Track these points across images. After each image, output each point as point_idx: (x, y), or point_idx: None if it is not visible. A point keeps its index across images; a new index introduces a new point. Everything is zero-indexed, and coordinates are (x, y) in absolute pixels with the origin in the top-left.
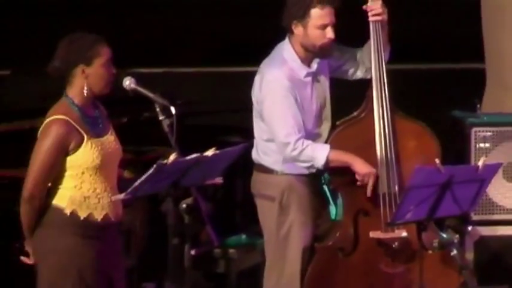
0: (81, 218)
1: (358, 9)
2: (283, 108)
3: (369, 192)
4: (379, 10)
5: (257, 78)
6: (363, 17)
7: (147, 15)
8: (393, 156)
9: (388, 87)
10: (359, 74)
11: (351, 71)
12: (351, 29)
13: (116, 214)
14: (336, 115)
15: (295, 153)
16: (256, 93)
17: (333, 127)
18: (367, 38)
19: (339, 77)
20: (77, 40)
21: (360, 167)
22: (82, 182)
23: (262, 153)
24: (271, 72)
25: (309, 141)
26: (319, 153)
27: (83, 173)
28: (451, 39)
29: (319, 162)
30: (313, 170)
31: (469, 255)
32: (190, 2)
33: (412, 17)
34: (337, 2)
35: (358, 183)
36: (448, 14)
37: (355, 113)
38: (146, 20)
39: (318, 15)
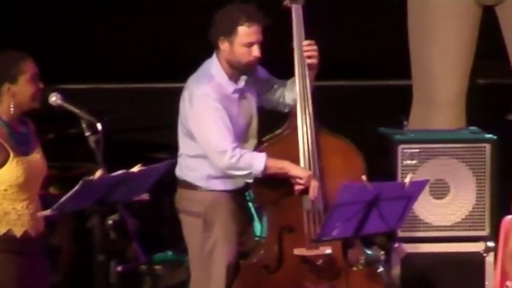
0: (0, 233)
1: None
2: (216, 119)
3: (312, 195)
4: (313, 53)
5: (185, 94)
6: None
7: (75, 31)
8: (317, 173)
9: (312, 104)
10: (279, 107)
11: (273, 101)
12: None
13: (36, 230)
14: (264, 132)
15: (233, 160)
16: (185, 109)
17: (259, 144)
18: None
19: (261, 104)
20: (0, 59)
21: (299, 171)
22: (3, 198)
23: (187, 169)
24: (201, 87)
25: (246, 150)
26: (258, 160)
27: (5, 189)
28: (378, 56)
29: (258, 168)
30: (250, 180)
31: (396, 272)
32: (119, 18)
33: (338, 34)
34: (265, 20)
35: (300, 183)
36: (374, 31)
37: (279, 130)
38: (75, 35)
39: (245, 33)
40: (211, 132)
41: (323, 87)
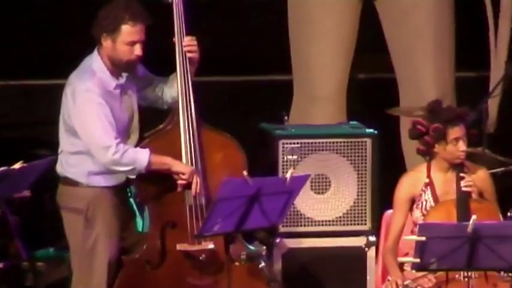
0: None
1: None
2: (99, 115)
3: (195, 190)
4: (194, 48)
5: (68, 91)
6: None
7: None
8: (199, 168)
9: (194, 99)
10: (157, 105)
11: (150, 99)
12: None
13: None
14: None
15: (117, 156)
16: (68, 106)
17: (141, 140)
18: None
19: (138, 101)
20: None
21: (182, 167)
22: None
23: (68, 165)
24: (83, 83)
25: (129, 145)
26: (141, 155)
27: None
28: (258, 51)
29: (141, 164)
30: (133, 175)
31: (277, 267)
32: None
33: (219, 29)
34: (149, 19)
35: (183, 178)
36: (255, 27)
37: (161, 126)
38: None
39: (128, 31)
40: (94, 128)
41: (204, 83)
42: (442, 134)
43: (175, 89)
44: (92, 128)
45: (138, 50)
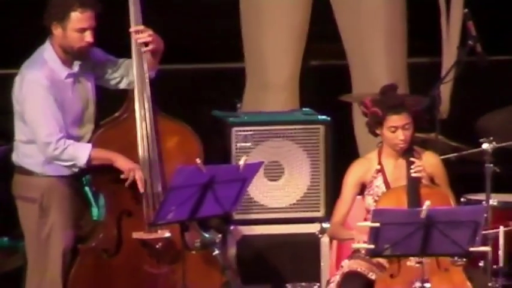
0: None
1: None
2: (43, 108)
3: (140, 186)
4: (148, 39)
5: (17, 79)
6: None
7: None
8: (155, 156)
9: (149, 87)
10: (122, 86)
11: (114, 81)
12: None
13: None
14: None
15: (57, 152)
16: (16, 94)
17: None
18: None
19: (102, 85)
20: None
21: (122, 163)
22: None
23: (23, 155)
24: (31, 73)
25: (71, 141)
26: (81, 152)
27: None
28: (211, 39)
29: (82, 160)
30: (76, 170)
31: (232, 255)
32: None
33: (172, 18)
34: (98, 6)
35: (124, 176)
36: (206, 14)
37: (116, 114)
38: None
39: (78, 18)
40: (37, 122)
41: (158, 71)
42: (379, 120)
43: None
44: (35, 121)
45: (88, 36)
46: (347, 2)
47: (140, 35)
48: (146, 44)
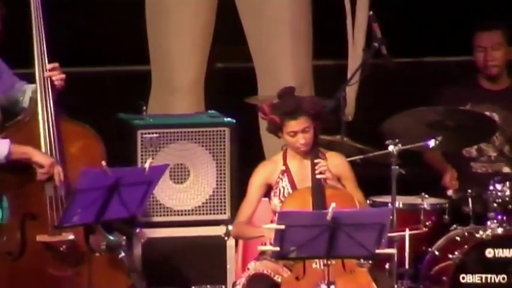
0: None
1: None
2: None
3: (58, 179)
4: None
5: None
6: None
7: None
8: (58, 159)
9: (52, 90)
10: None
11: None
12: None
13: None
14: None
15: None
16: None
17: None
18: None
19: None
20: None
21: (41, 157)
22: None
23: None
24: None
25: None
26: (1, 146)
27: None
28: (116, 42)
29: (1, 154)
30: None
31: (137, 257)
32: None
33: (76, 20)
34: (3, 9)
35: (43, 171)
36: (111, 16)
37: (19, 117)
38: None
39: None
40: None
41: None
42: (278, 127)
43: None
44: None
45: None
46: (252, 5)
47: (55, 73)
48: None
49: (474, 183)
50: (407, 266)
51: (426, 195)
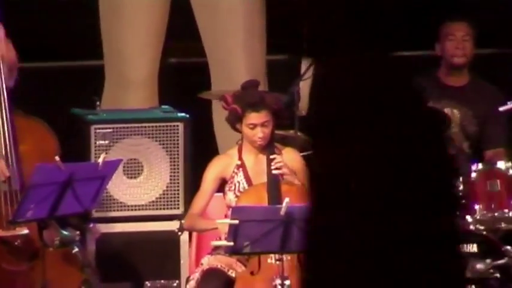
0: None
1: None
2: None
3: (3, 175)
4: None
5: None
6: None
7: None
8: (13, 154)
9: (5, 85)
10: None
11: None
12: None
13: None
14: None
15: None
16: None
17: None
18: None
19: None
20: None
21: None
22: None
23: None
24: None
25: None
26: None
27: None
28: (68, 36)
29: None
30: None
31: (91, 253)
32: None
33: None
34: None
35: None
36: (65, 11)
37: None
38: None
39: None
40: None
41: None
42: (238, 117)
43: None
44: None
45: None
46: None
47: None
48: None
49: None
50: None
51: None
